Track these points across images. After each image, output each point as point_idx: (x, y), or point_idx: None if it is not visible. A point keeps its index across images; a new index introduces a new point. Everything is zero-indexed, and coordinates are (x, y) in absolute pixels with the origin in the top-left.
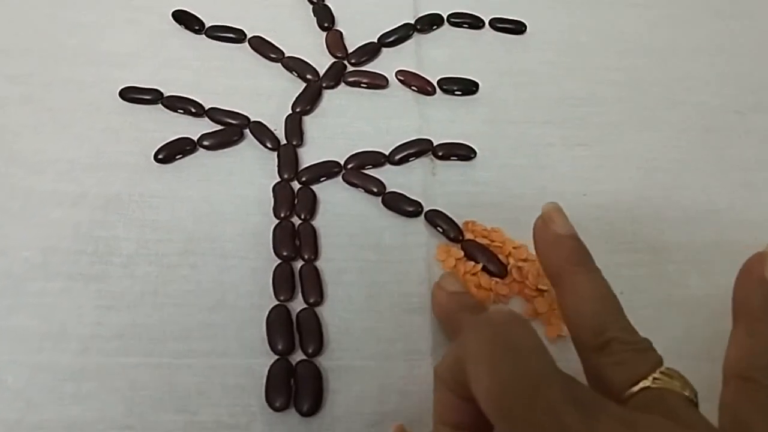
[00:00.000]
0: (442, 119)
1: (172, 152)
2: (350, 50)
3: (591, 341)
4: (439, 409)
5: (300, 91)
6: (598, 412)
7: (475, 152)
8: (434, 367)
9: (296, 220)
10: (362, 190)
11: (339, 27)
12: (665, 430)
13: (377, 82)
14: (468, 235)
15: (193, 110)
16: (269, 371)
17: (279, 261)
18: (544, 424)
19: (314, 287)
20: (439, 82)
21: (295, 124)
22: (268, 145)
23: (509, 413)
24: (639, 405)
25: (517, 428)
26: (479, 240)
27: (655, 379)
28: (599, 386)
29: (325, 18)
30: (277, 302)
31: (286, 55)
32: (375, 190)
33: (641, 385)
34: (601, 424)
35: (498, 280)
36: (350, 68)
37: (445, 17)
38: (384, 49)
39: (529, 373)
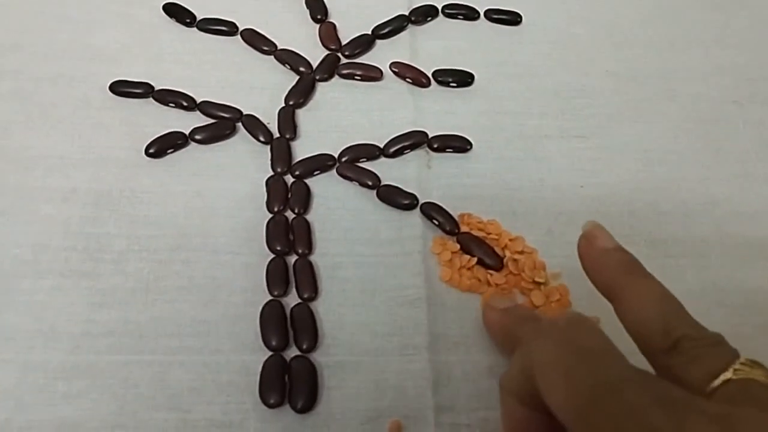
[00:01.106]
0: (437, 111)
1: (163, 147)
2: (344, 42)
3: (660, 344)
4: (507, 423)
5: (293, 84)
6: (686, 409)
7: (470, 144)
8: (499, 378)
9: (290, 215)
10: (357, 184)
11: (332, 19)
12: (758, 423)
13: (371, 75)
14: (464, 228)
15: (185, 104)
16: (263, 368)
17: (272, 256)
18: (628, 428)
19: (308, 282)
20: (434, 73)
21: (288, 118)
22: (261, 139)
23: (588, 419)
24: (724, 399)
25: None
26: (475, 233)
27: (736, 370)
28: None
29: (318, 10)
30: (270, 297)
31: (279, 47)
32: (369, 183)
33: (722, 378)
34: (691, 422)
35: (494, 272)
36: (344, 60)
37: (439, 8)
38: (378, 41)
39: (606, 375)
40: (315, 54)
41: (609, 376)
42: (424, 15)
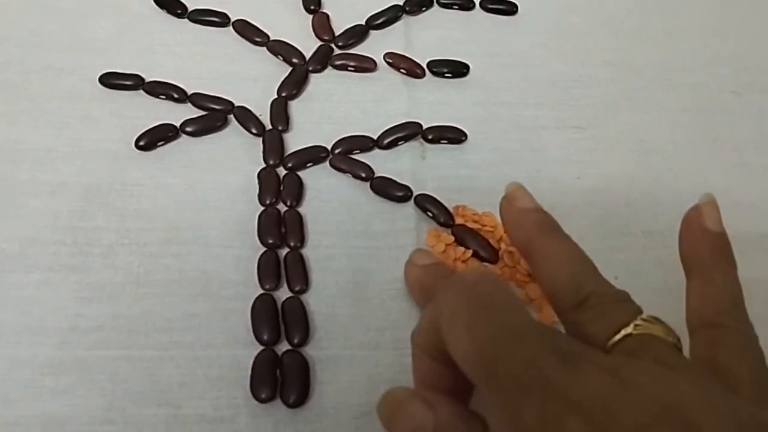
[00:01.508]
0: (431, 102)
1: (153, 139)
2: (337, 33)
3: (570, 301)
4: (418, 376)
5: (286, 75)
6: (580, 360)
7: (465, 135)
8: (411, 333)
9: (282, 207)
10: (350, 176)
11: (325, 9)
12: (649, 374)
13: (365, 65)
14: (458, 220)
15: (176, 96)
16: (254, 362)
17: (264, 249)
18: (525, 379)
19: (300, 275)
20: (428, 64)
21: (280, 109)
22: (253, 131)
23: (489, 371)
24: (623, 353)
25: (498, 385)
26: (470, 225)
27: (636, 325)
28: (582, 343)
29: (311, 0)
30: (262, 291)
31: (271, 38)
32: (363, 175)
33: (623, 332)
34: (583, 371)
35: (489, 265)
36: (337, 51)
37: None
38: (372, 32)
39: (508, 328)
40: (308, 45)
41: (509, 328)
42: (418, 5)
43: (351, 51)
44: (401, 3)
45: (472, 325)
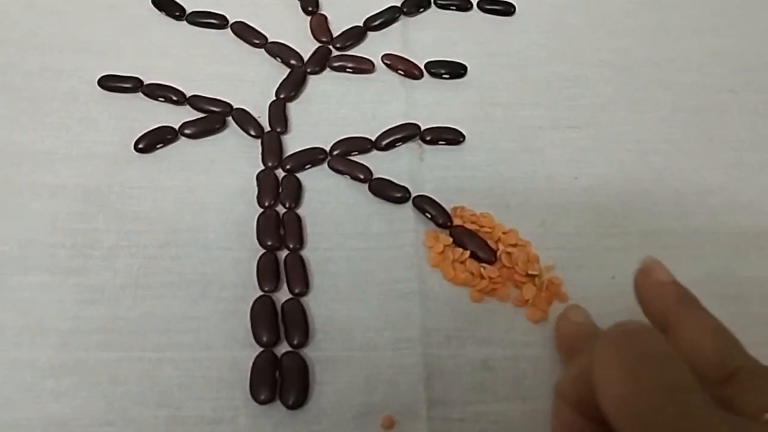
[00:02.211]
0: (429, 103)
1: (152, 141)
2: (335, 34)
3: (716, 374)
4: (559, 429)
5: (284, 77)
6: (748, 426)
7: (463, 136)
8: (554, 384)
9: (281, 209)
10: (348, 177)
11: (323, 11)
12: None
13: (363, 67)
14: (457, 221)
15: (174, 98)
16: (254, 364)
17: (263, 251)
18: (685, 428)
19: (299, 277)
20: (426, 65)
21: (279, 111)
22: (252, 133)
23: (646, 422)
24: None
25: None
26: (468, 225)
27: None
28: None
29: (309, 2)
30: (261, 293)
31: (270, 40)
32: (361, 176)
33: None
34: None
35: (487, 266)
36: (335, 53)
37: None
38: (370, 33)
39: (667, 379)
40: (306, 46)
41: (671, 381)
42: (416, 6)
43: (349, 52)
44: (399, 4)
45: (627, 372)
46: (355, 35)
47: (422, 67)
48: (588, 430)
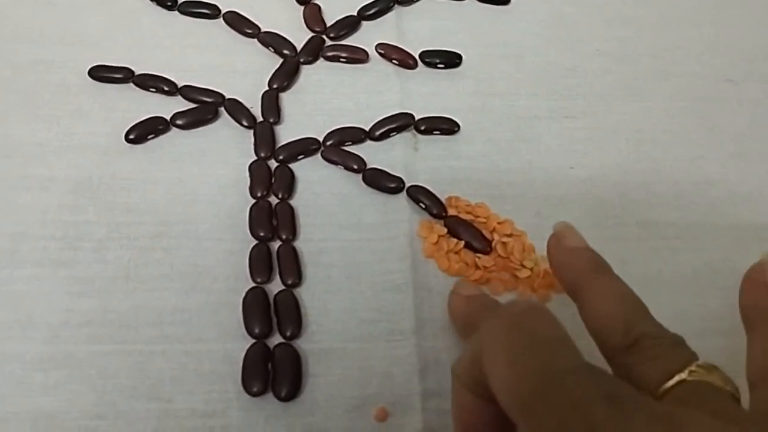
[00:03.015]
0: (424, 93)
1: (143, 132)
2: (329, 24)
3: (619, 342)
4: (457, 412)
5: (277, 67)
6: (633, 406)
7: (458, 126)
8: (452, 366)
9: (273, 200)
10: (342, 168)
11: (317, 0)
12: (706, 426)
13: (357, 57)
14: (451, 211)
15: (166, 88)
16: (246, 356)
17: (255, 242)
18: (570, 421)
19: (292, 268)
20: (421, 55)
21: (272, 101)
22: (244, 123)
23: (532, 409)
24: (675, 400)
25: (540, 426)
26: (463, 216)
27: (691, 371)
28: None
29: None
30: (253, 284)
31: (262, 30)
32: (355, 166)
33: (677, 378)
34: (634, 418)
35: (482, 256)
36: (329, 42)
37: None
38: (364, 23)
39: (554, 364)
40: (299, 36)
41: (557, 366)
42: None
43: (343, 42)
44: None
45: (516, 358)
46: (349, 25)
47: (417, 56)
48: (485, 410)
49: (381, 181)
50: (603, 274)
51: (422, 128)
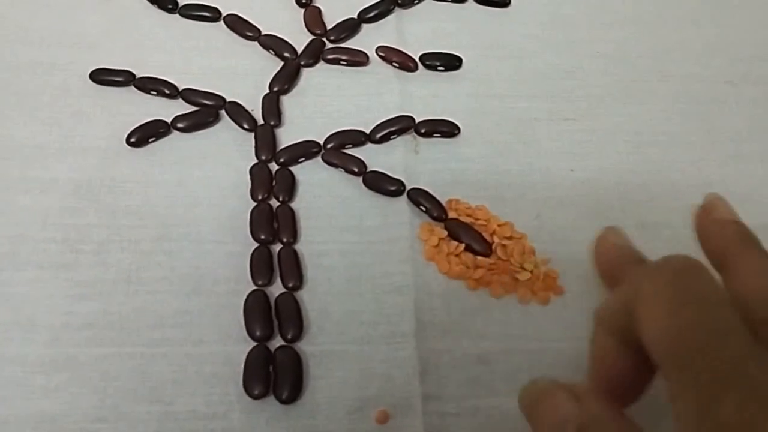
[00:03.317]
0: (424, 95)
1: (144, 135)
2: (329, 27)
3: (763, 315)
4: (597, 355)
5: (277, 69)
6: None
7: (458, 129)
8: (595, 310)
9: (274, 203)
10: (342, 170)
11: (317, 3)
12: None
13: (357, 59)
14: (452, 214)
15: (167, 91)
16: (247, 358)
17: (257, 245)
18: (730, 375)
19: (293, 271)
20: (421, 57)
21: (272, 104)
22: (245, 126)
23: (689, 361)
24: None
25: (694, 376)
26: (463, 218)
27: None
28: None
29: None
30: (254, 287)
31: (263, 33)
32: (356, 169)
33: None
34: None
35: (482, 258)
36: (329, 45)
37: None
38: (364, 25)
39: (714, 321)
40: (300, 39)
41: (717, 324)
42: None
43: (343, 45)
44: None
45: (675, 310)
46: (349, 27)
47: (417, 59)
48: (626, 357)
49: (381, 184)
50: (752, 248)
51: (422, 131)
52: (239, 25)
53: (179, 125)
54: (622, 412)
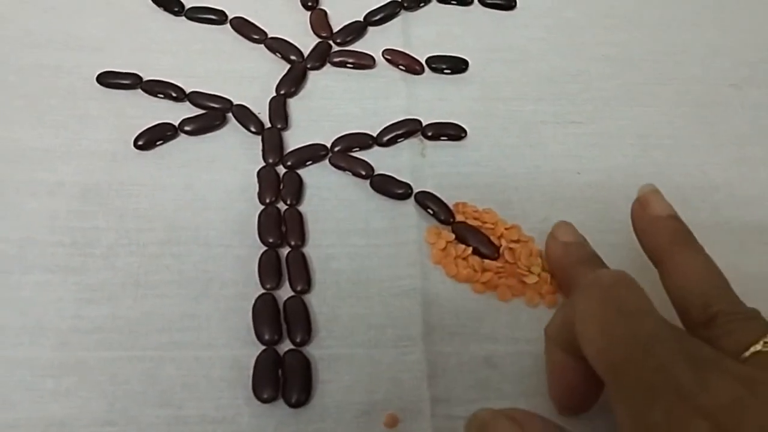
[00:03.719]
0: (431, 98)
1: (152, 138)
2: (335, 30)
3: (698, 317)
4: (550, 367)
5: (284, 72)
6: (713, 367)
7: (465, 132)
8: (545, 327)
9: (282, 206)
10: (350, 173)
11: (323, 6)
12: None
13: (364, 62)
14: (459, 217)
15: (174, 94)
16: (256, 362)
17: (265, 248)
18: (656, 383)
19: (301, 274)
20: (427, 60)
21: (279, 107)
22: (252, 129)
23: (622, 373)
24: (753, 367)
25: (627, 387)
26: (470, 222)
27: (765, 342)
28: None
29: None
30: (263, 291)
31: (269, 35)
32: (363, 172)
33: (752, 350)
34: (716, 379)
35: (490, 261)
36: (336, 48)
37: None
38: (370, 28)
39: (640, 332)
40: (306, 42)
41: (643, 335)
42: (416, 1)
43: (349, 48)
44: None
45: (605, 328)
46: (356, 30)
47: (423, 62)
48: (577, 367)
49: (389, 187)
50: (685, 246)
51: (429, 134)
52: (246, 28)
53: (186, 128)
54: (564, 429)
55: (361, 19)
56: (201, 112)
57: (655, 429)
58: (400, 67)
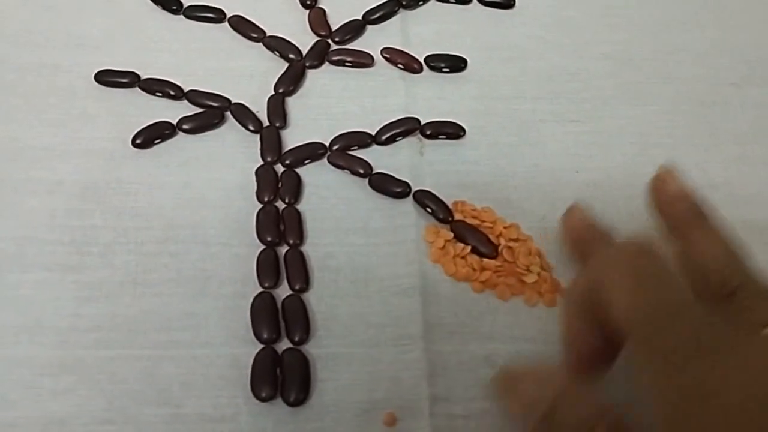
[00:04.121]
0: (429, 97)
1: (150, 137)
2: (334, 28)
3: (717, 292)
4: (568, 332)
5: (282, 71)
6: (734, 328)
7: (464, 130)
8: (565, 293)
9: (280, 204)
10: (348, 172)
11: (322, 4)
12: None
13: (362, 61)
14: (457, 216)
15: (172, 93)
16: (254, 361)
17: (263, 247)
18: (687, 346)
19: (300, 273)
20: (426, 59)
21: (278, 106)
22: (251, 128)
23: (649, 331)
24: None
25: (656, 345)
26: (469, 220)
27: None
28: None
29: None
30: (261, 289)
31: (268, 34)
32: (361, 171)
33: None
34: (739, 342)
35: (488, 260)
36: (334, 47)
37: None
38: (369, 27)
39: (668, 297)
40: (305, 40)
41: (671, 299)
42: None
43: (348, 46)
44: None
45: (636, 292)
46: (354, 29)
47: (422, 60)
48: (593, 332)
49: (387, 186)
50: (703, 223)
51: (428, 132)
52: (244, 27)
53: (185, 127)
54: (589, 389)
55: (360, 17)
56: (199, 110)
57: (686, 390)
58: (399, 65)
